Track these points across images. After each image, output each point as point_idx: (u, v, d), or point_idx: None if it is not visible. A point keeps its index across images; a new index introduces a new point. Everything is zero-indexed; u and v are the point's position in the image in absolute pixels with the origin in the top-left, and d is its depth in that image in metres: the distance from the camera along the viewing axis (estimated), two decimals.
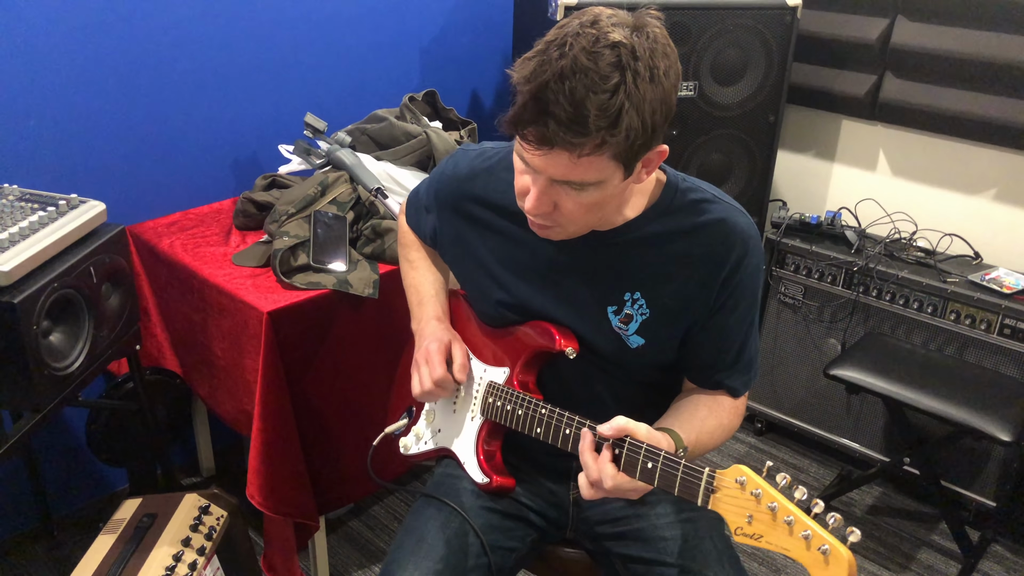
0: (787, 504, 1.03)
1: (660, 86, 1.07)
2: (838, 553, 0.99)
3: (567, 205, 1.16)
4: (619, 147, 1.07)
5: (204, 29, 2.23)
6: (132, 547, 1.71)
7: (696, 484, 1.11)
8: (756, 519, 1.05)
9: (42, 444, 2.21)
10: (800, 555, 1.02)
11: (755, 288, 1.32)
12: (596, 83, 1.03)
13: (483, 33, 2.89)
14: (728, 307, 1.29)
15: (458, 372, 1.40)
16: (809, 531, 1.01)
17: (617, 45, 1.04)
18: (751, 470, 1.08)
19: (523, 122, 1.08)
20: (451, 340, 1.43)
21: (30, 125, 2.00)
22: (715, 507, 1.10)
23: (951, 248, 2.57)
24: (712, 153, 2.56)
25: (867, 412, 2.60)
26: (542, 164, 1.11)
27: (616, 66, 1.04)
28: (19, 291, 1.49)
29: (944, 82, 2.49)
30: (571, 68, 1.03)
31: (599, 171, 1.10)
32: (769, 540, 1.05)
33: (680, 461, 1.13)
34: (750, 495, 1.06)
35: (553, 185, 1.14)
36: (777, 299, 2.71)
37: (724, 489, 1.09)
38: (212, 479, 2.56)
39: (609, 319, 1.31)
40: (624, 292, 1.30)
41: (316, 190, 2.08)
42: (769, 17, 2.43)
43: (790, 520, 1.02)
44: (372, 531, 2.39)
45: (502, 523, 1.42)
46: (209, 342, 2.03)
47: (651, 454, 1.15)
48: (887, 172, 2.76)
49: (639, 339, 1.31)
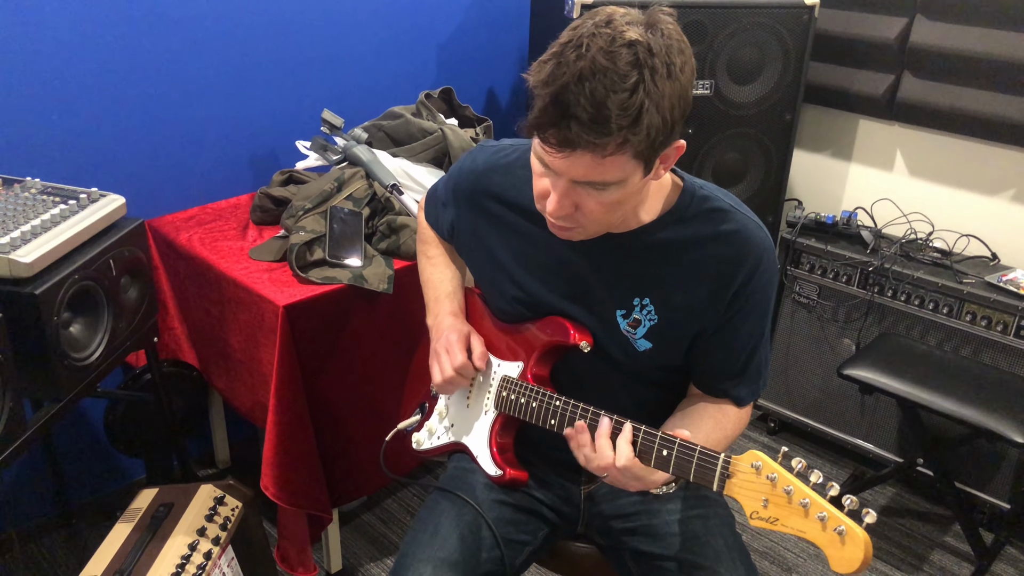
0: (803, 487, 1.04)
1: (678, 82, 1.08)
2: (854, 533, 0.99)
3: (589, 205, 1.16)
4: (641, 145, 1.07)
5: (224, 26, 2.25)
6: (149, 536, 1.73)
7: (712, 469, 1.12)
8: (772, 502, 1.06)
9: (61, 434, 2.25)
10: (816, 536, 1.02)
11: (767, 301, 1.32)
12: (616, 82, 1.03)
13: (499, 31, 2.90)
14: (738, 318, 1.29)
15: (478, 360, 1.41)
16: (825, 512, 1.01)
17: (634, 44, 1.05)
18: (766, 455, 1.09)
19: (544, 125, 1.08)
20: (469, 331, 1.45)
21: (52, 120, 2.03)
22: (730, 492, 1.11)
23: (968, 249, 2.55)
24: (728, 152, 2.55)
25: (881, 412, 2.59)
26: (564, 166, 1.11)
27: (634, 64, 1.04)
28: (40, 282, 1.52)
29: (963, 82, 2.47)
30: (590, 69, 1.04)
31: (621, 170, 1.10)
32: (785, 523, 1.06)
33: (696, 447, 1.14)
34: (766, 479, 1.07)
35: (574, 187, 1.14)
36: (792, 298, 2.71)
37: (740, 474, 1.10)
38: (227, 471, 2.59)
39: (618, 322, 1.32)
40: (634, 297, 1.31)
41: (332, 186, 2.10)
42: (786, 16, 2.42)
43: (806, 503, 1.03)
44: (385, 524, 2.41)
45: (515, 517, 1.43)
46: (226, 335, 2.06)
47: (666, 441, 1.16)
48: (904, 172, 2.74)
49: (646, 343, 1.32)
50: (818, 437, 2.77)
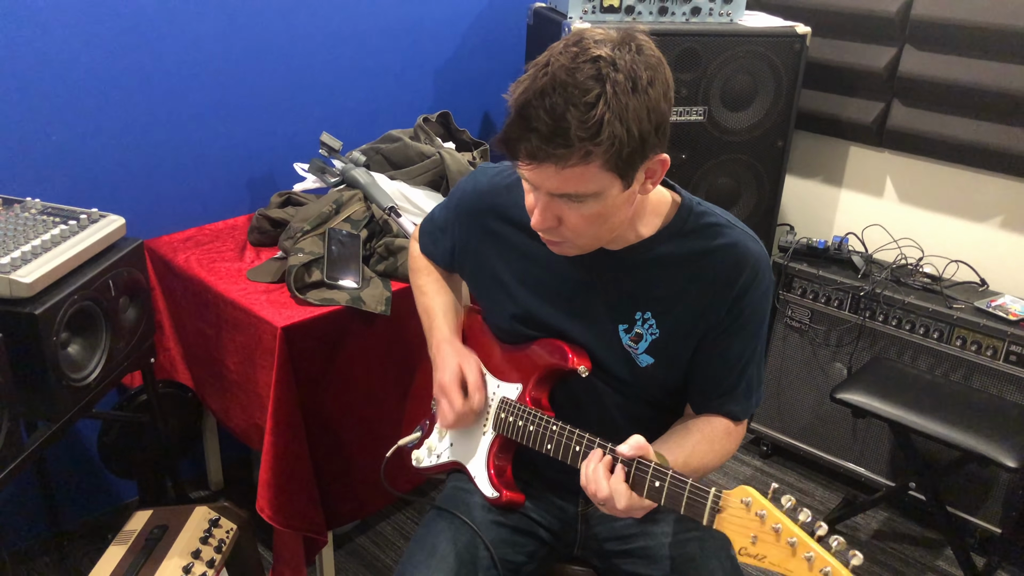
0: (791, 526, 1.05)
1: (645, 95, 1.10)
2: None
3: (571, 218, 1.19)
4: (606, 156, 1.09)
5: (223, 49, 2.28)
6: (143, 558, 1.72)
7: (702, 504, 1.12)
8: (760, 540, 1.07)
9: (53, 455, 2.23)
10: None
11: (762, 313, 1.33)
12: (575, 96, 1.07)
13: (496, 56, 2.94)
14: (733, 330, 1.31)
15: (473, 391, 1.42)
16: (812, 553, 1.02)
17: (598, 59, 1.08)
18: (756, 491, 1.09)
19: (510, 139, 1.12)
20: (459, 363, 1.45)
21: (52, 141, 2.04)
22: (720, 527, 1.11)
23: (957, 275, 2.59)
24: (721, 177, 2.59)
25: (873, 437, 2.60)
26: (536, 179, 1.15)
27: (596, 78, 1.07)
28: (40, 303, 1.52)
29: (951, 110, 2.52)
30: (551, 84, 1.07)
31: (592, 182, 1.13)
32: (772, 561, 1.06)
33: (687, 481, 1.14)
34: (755, 515, 1.07)
35: (554, 199, 1.17)
36: (784, 322, 2.73)
37: (729, 509, 1.10)
38: (220, 493, 2.58)
39: (620, 337, 1.34)
40: (635, 311, 1.33)
41: (331, 208, 2.12)
42: (779, 44, 2.47)
43: (793, 542, 1.04)
44: (379, 548, 2.40)
45: (512, 537, 1.43)
46: (222, 356, 2.06)
47: (659, 473, 1.17)
48: (894, 198, 2.78)
49: (648, 358, 1.33)
50: (810, 461, 2.78)
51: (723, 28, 2.43)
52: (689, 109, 2.46)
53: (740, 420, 1.38)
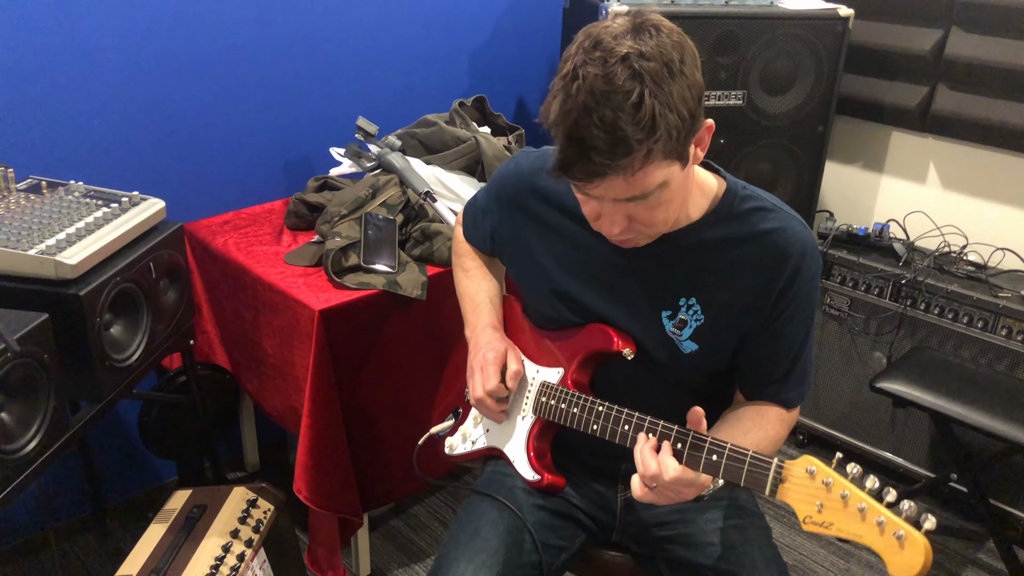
0: (859, 492, 1.04)
1: (682, 75, 1.08)
2: (914, 538, 0.98)
3: (640, 215, 1.17)
4: (666, 148, 1.08)
5: (261, 35, 2.29)
6: (183, 537, 1.75)
7: (764, 474, 1.11)
8: (827, 507, 1.06)
9: (96, 435, 2.27)
10: (873, 541, 1.01)
11: (812, 299, 1.31)
12: (620, 102, 1.04)
13: (532, 40, 2.92)
14: (785, 317, 1.29)
15: (510, 380, 1.41)
16: (883, 518, 1.00)
17: (627, 57, 1.05)
18: (820, 461, 1.08)
19: (568, 164, 1.09)
20: (506, 348, 1.44)
21: (94, 125, 2.06)
22: (783, 496, 1.10)
23: (1003, 263, 2.53)
24: (760, 162, 2.55)
25: (912, 427, 2.56)
26: (601, 192, 1.13)
27: (632, 76, 1.04)
28: (84, 284, 1.54)
29: (998, 94, 2.45)
30: (592, 98, 1.04)
31: (657, 176, 1.11)
32: (840, 527, 1.05)
33: (747, 452, 1.13)
34: (821, 484, 1.07)
35: (620, 204, 1.15)
36: (823, 310, 2.69)
37: (793, 479, 1.09)
38: (256, 474, 2.61)
39: (663, 323, 1.32)
40: (679, 297, 1.31)
41: (367, 192, 2.12)
42: (820, 27, 2.42)
43: (863, 507, 1.02)
44: (413, 530, 2.42)
45: (552, 522, 1.43)
46: (259, 339, 2.07)
47: (716, 446, 1.16)
48: (937, 185, 2.72)
49: (692, 345, 1.32)
50: (847, 450, 2.75)
51: (763, 10, 2.39)
52: (728, 93, 2.42)
53: (793, 407, 1.37)
